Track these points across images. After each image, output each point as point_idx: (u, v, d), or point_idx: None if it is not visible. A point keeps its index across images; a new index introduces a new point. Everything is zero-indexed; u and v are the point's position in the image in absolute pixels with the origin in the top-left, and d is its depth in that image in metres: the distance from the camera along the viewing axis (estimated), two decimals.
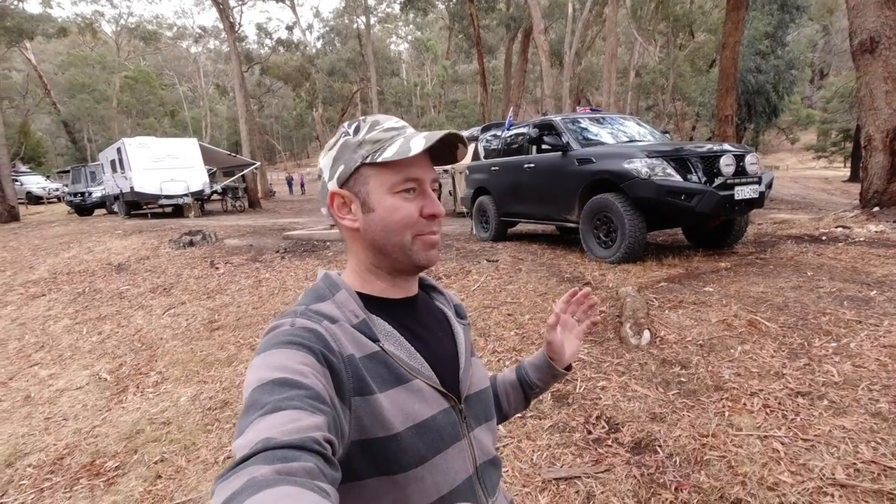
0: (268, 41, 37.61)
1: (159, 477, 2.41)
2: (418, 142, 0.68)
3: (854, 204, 7.16)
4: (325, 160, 0.76)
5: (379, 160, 0.70)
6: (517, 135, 6.59)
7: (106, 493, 2.37)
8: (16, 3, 22.81)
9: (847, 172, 24.72)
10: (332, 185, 0.74)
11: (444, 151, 0.74)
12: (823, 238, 5.20)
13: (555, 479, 2.03)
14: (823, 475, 1.82)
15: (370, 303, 0.73)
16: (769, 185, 4.83)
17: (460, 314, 0.88)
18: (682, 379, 2.56)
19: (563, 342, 0.93)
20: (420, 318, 0.78)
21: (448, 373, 0.75)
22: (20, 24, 22.13)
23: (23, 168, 28.35)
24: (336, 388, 0.59)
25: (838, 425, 2.06)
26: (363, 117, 0.76)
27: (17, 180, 21.53)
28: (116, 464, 2.58)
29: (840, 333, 2.78)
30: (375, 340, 0.68)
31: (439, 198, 0.92)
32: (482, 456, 0.76)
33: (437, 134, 0.69)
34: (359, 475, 0.62)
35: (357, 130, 0.73)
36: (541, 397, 2.59)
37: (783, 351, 2.68)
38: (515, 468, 2.12)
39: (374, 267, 0.75)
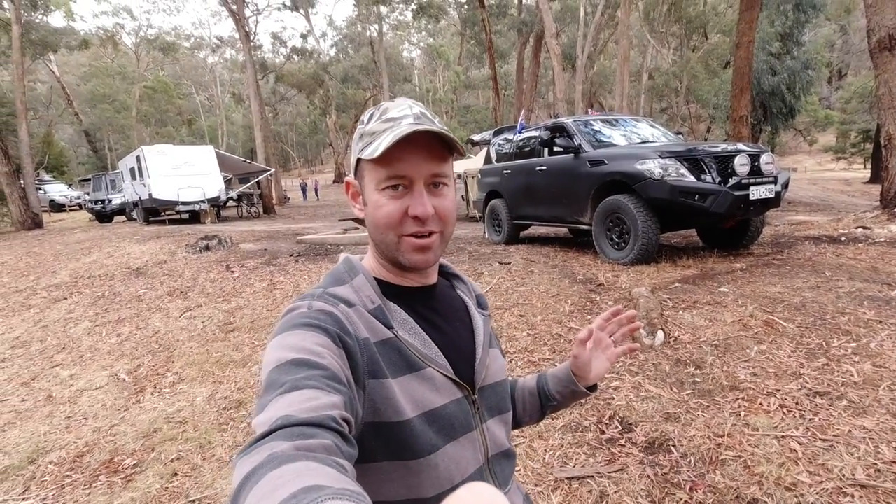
0: (282, 50, 38.25)
1: (175, 475, 2.44)
2: (386, 141, 0.66)
3: (874, 204, 7.01)
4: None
5: (364, 156, 0.69)
6: (529, 138, 6.59)
7: (124, 489, 2.41)
8: (41, 17, 23.52)
9: (867, 174, 24.20)
10: (350, 175, 0.76)
11: (444, 143, 0.70)
12: (843, 238, 5.10)
13: (567, 478, 2.01)
14: (843, 475, 1.78)
15: (387, 289, 0.73)
16: (785, 185, 4.75)
17: (481, 304, 0.86)
18: (697, 379, 2.53)
19: (590, 359, 0.89)
20: (437, 307, 0.78)
21: (463, 362, 0.74)
22: (45, 37, 22.80)
23: (46, 177, 29.12)
24: (352, 369, 0.60)
25: (858, 425, 2.02)
26: (381, 103, 0.75)
27: (40, 189, 22.15)
28: (134, 461, 2.62)
29: (860, 333, 2.72)
30: (390, 327, 0.68)
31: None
32: (495, 447, 0.76)
33: (401, 133, 0.65)
34: (372, 456, 0.62)
35: (369, 119, 0.73)
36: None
37: (801, 351, 2.63)
38: (528, 467, 2.11)
39: (380, 256, 0.76)
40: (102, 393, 3.54)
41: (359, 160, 0.72)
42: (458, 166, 17.09)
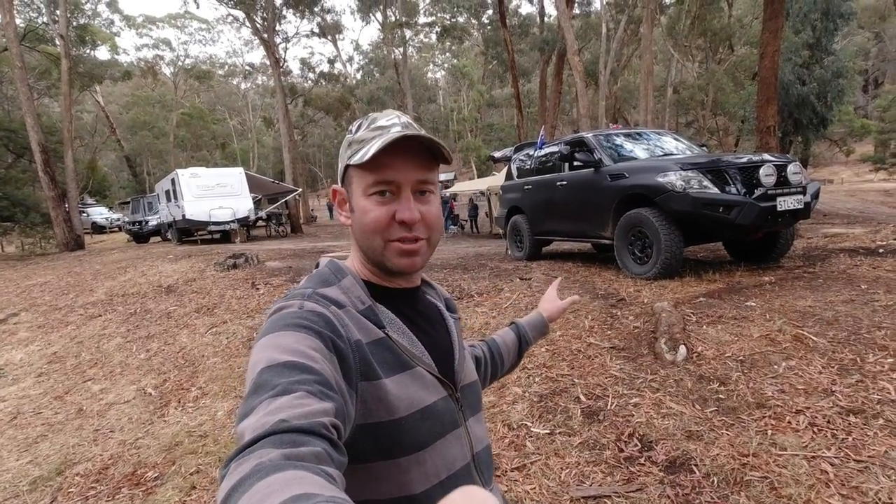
0: (311, 74, 39.40)
1: (194, 487, 2.48)
2: (375, 146, 0.67)
3: None
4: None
5: (353, 162, 0.71)
6: (550, 153, 6.58)
7: (145, 502, 2.46)
8: (88, 51, 25.06)
9: None
10: (338, 182, 0.78)
11: (430, 152, 0.72)
12: (881, 251, 4.87)
13: (583, 497, 1.96)
14: (879, 499, 1.68)
15: (373, 290, 0.74)
16: (815, 196, 4.59)
17: (450, 308, 0.88)
18: (721, 396, 2.44)
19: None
20: (420, 309, 0.79)
21: (444, 363, 0.76)
22: (91, 69, 24.28)
23: (90, 201, 30.58)
24: (343, 373, 0.59)
25: (895, 445, 1.90)
26: (368, 114, 0.77)
27: (83, 212, 23.26)
28: (156, 474, 2.68)
29: None
30: (381, 327, 0.69)
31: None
32: (478, 444, 0.77)
33: (389, 138, 0.67)
34: (363, 457, 0.63)
35: (358, 128, 0.75)
36: (570, 413, 2.52)
37: (832, 367, 2.50)
38: (543, 486, 2.06)
39: (367, 262, 0.77)
40: (130, 407, 3.64)
41: (347, 167, 0.74)
42: (482, 183, 17.13)
